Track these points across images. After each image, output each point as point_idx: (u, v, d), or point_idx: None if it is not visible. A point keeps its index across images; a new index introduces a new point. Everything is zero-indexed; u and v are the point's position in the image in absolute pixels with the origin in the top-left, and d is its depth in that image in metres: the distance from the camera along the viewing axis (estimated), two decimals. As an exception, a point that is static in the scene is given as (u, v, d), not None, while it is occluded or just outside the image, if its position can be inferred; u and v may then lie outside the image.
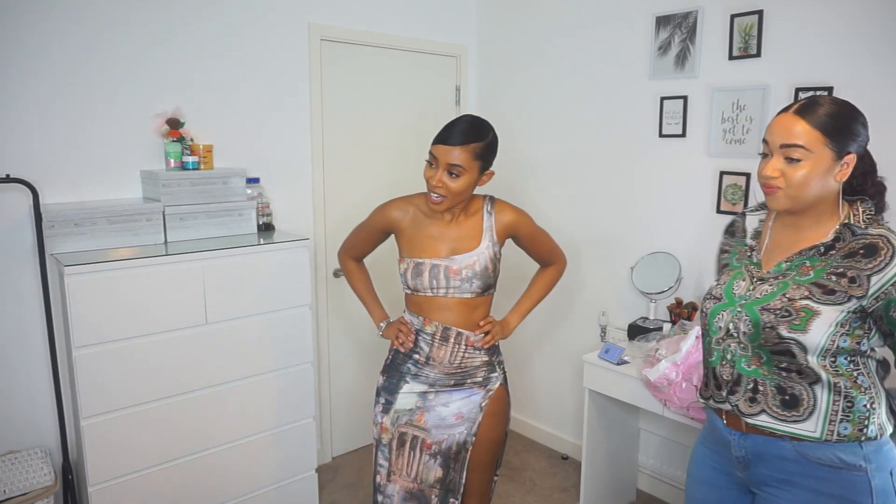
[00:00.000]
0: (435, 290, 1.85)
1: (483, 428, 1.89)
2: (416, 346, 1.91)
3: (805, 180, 1.31)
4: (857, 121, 1.34)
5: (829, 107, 1.32)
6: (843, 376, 1.32)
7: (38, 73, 2.24)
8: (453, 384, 1.90)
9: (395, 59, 3.20)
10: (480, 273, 1.84)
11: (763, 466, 1.39)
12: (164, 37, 2.49)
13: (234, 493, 2.46)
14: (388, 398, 1.94)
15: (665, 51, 2.67)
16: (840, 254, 1.32)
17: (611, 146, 2.93)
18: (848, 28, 2.18)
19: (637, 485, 2.99)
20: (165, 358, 2.21)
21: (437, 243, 1.86)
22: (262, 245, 2.40)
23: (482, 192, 1.99)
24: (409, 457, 1.90)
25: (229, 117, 2.69)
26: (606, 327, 2.91)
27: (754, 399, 1.38)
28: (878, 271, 1.26)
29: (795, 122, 1.31)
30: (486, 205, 1.93)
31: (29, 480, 2.12)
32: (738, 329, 1.39)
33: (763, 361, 1.37)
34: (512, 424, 3.59)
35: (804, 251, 1.36)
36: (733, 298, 1.42)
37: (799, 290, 1.33)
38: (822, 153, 1.30)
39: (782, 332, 1.31)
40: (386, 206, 1.95)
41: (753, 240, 1.49)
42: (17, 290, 2.28)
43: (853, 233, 1.33)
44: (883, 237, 1.29)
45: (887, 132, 2.14)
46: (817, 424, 1.31)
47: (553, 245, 2.08)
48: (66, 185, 2.34)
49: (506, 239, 1.94)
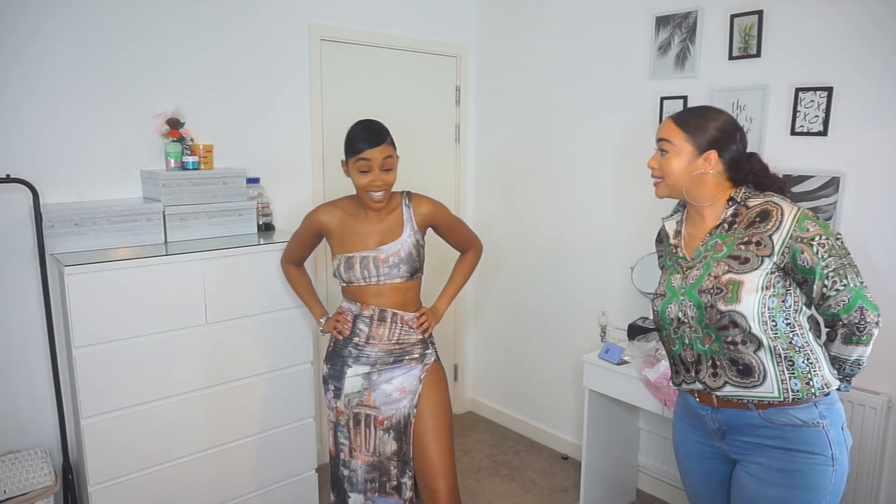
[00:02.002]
0: (367, 279, 2.04)
1: (425, 397, 2.08)
2: (356, 329, 2.08)
3: (671, 168, 1.59)
4: (718, 128, 1.57)
5: (695, 113, 1.60)
6: (781, 338, 1.49)
7: (38, 73, 2.24)
8: (392, 361, 2.08)
9: (395, 59, 3.20)
10: (406, 258, 2.04)
11: (736, 434, 1.57)
12: (165, 37, 2.49)
13: (234, 492, 2.46)
14: (337, 384, 2.11)
15: (665, 51, 2.67)
16: (742, 226, 1.54)
17: (611, 146, 2.93)
18: (848, 28, 2.18)
19: (637, 485, 2.99)
20: (165, 358, 2.22)
21: (364, 238, 2.05)
22: (262, 245, 2.40)
23: (398, 188, 2.14)
24: (365, 434, 2.09)
25: (229, 117, 2.69)
26: (606, 327, 2.91)
27: (716, 374, 1.56)
28: (776, 230, 1.48)
29: (668, 123, 1.61)
30: (403, 199, 2.11)
31: (29, 480, 2.12)
32: (687, 315, 1.58)
33: (713, 339, 1.54)
34: (512, 424, 3.61)
35: (713, 230, 1.59)
36: (674, 290, 1.62)
37: (719, 266, 1.52)
38: (684, 148, 1.58)
39: (721, 307, 1.49)
40: (314, 213, 2.13)
41: (675, 239, 1.69)
42: (17, 290, 2.28)
43: (746, 206, 1.55)
44: (770, 202, 1.52)
45: (887, 132, 2.14)
46: (773, 386, 1.49)
47: (469, 232, 2.29)
48: (66, 185, 2.34)
49: (426, 228, 2.13)
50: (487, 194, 3.59)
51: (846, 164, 2.22)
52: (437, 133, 3.46)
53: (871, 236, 2.20)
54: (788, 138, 2.34)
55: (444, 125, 3.47)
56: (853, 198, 2.22)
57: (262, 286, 2.40)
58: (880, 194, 2.17)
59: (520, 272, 3.46)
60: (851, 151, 2.21)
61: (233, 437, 2.42)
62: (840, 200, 2.23)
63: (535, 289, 3.37)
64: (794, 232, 1.45)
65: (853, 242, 2.18)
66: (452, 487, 2.05)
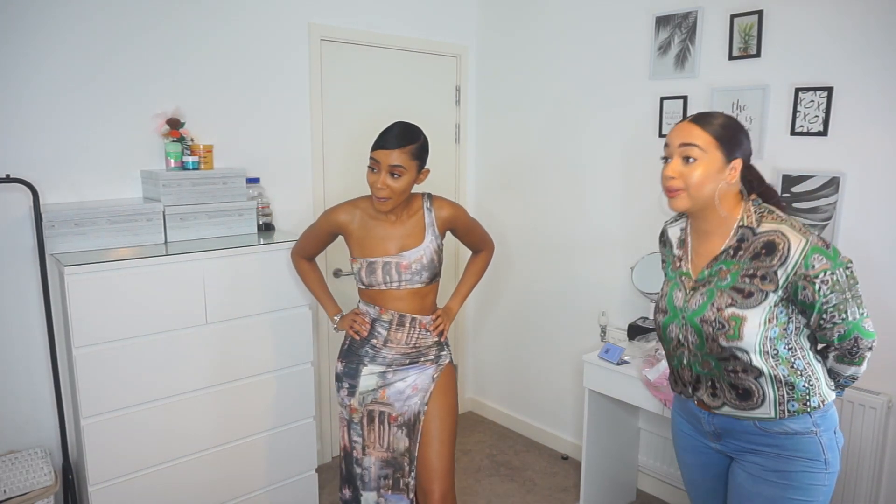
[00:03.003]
0: (388, 284, 2.03)
1: (435, 398, 2.08)
2: (374, 332, 2.07)
3: (701, 179, 1.45)
4: (741, 132, 1.49)
5: (720, 118, 1.49)
6: (783, 364, 1.48)
7: (38, 74, 2.24)
8: (409, 363, 2.08)
9: (395, 59, 3.20)
10: (428, 265, 2.03)
11: (731, 438, 1.58)
12: (165, 37, 2.49)
13: (234, 492, 2.46)
14: (352, 382, 2.10)
15: (665, 51, 2.67)
16: (747, 255, 1.47)
17: (611, 146, 2.94)
18: (848, 28, 2.18)
19: (637, 485, 2.99)
20: (165, 358, 2.21)
21: (386, 243, 2.03)
22: (262, 245, 2.40)
23: (419, 190, 2.12)
24: (379, 430, 2.09)
25: (229, 117, 2.69)
26: (606, 327, 2.91)
27: (715, 395, 1.56)
28: (782, 265, 1.42)
29: (693, 128, 1.47)
30: (425, 202, 2.08)
31: (29, 480, 2.12)
32: (687, 339, 1.56)
33: (713, 366, 1.53)
34: (512, 424, 3.61)
35: (718, 256, 1.52)
36: (676, 311, 1.58)
37: (723, 297, 1.48)
38: (714, 155, 1.45)
39: (722, 342, 1.47)
40: (333, 211, 2.09)
41: (679, 249, 1.63)
42: (17, 290, 2.28)
43: (753, 232, 1.47)
44: (777, 232, 1.44)
45: (887, 132, 2.14)
46: (770, 409, 1.50)
47: (484, 232, 2.29)
48: (67, 185, 2.34)
49: (445, 231, 2.12)
50: (487, 194, 3.59)
51: (846, 164, 2.22)
52: (437, 133, 3.44)
53: (871, 236, 2.20)
54: (788, 138, 2.34)
55: (444, 125, 3.47)
56: (853, 198, 2.22)
57: (262, 286, 2.40)
58: (880, 194, 2.17)
59: (520, 272, 3.46)
60: (851, 151, 2.21)
61: (233, 437, 2.42)
62: (840, 200, 2.23)
63: (535, 289, 3.37)
64: (800, 269, 1.40)
65: (853, 242, 2.19)
66: (447, 491, 2.05)
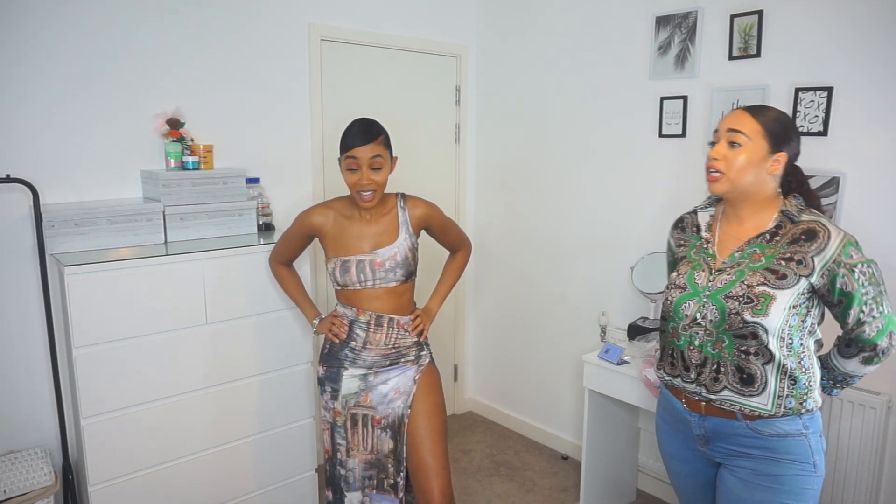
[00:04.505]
0: (363, 283, 2.03)
1: (419, 399, 2.08)
2: (353, 334, 2.07)
3: (743, 164, 1.50)
4: (792, 129, 1.54)
5: (773, 112, 1.54)
6: (793, 357, 1.50)
7: (38, 74, 2.24)
8: (389, 364, 2.08)
9: (395, 59, 3.20)
10: (402, 262, 2.03)
11: (721, 442, 1.59)
12: (165, 37, 2.49)
13: (234, 492, 2.46)
14: (333, 386, 2.11)
15: (665, 51, 2.67)
16: (785, 240, 1.51)
17: (611, 146, 2.93)
18: (848, 28, 2.18)
19: (637, 485, 2.99)
20: (165, 358, 2.21)
21: (360, 241, 2.04)
22: (262, 245, 2.40)
23: (392, 190, 2.14)
24: (363, 433, 2.10)
25: (229, 117, 2.69)
26: (606, 327, 2.91)
27: (717, 378, 1.56)
28: (820, 252, 1.46)
29: (744, 115, 1.53)
30: (399, 201, 2.10)
31: (29, 480, 2.12)
32: (706, 317, 1.55)
33: (725, 345, 1.53)
34: (512, 424, 3.61)
35: (752, 240, 1.54)
36: (697, 289, 1.58)
37: (755, 276, 1.50)
38: (759, 143, 1.50)
39: (746, 317, 1.48)
40: (307, 214, 2.11)
41: (707, 233, 1.65)
42: (17, 289, 2.28)
43: (791, 220, 1.52)
44: (818, 222, 1.49)
45: (887, 132, 2.14)
46: (768, 399, 1.51)
47: (461, 232, 2.28)
48: (67, 185, 2.34)
49: (420, 230, 2.12)
50: (487, 194, 3.59)
51: (846, 164, 2.22)
52: (437, 133, 3.46)
53: (871, 236, 2.19)
54: (788, 138, 2.34)
55: (444, 125, 3.47)
56: (853, 198, 2.22)
57: (262, 286, 2.40)
58: (880, 194, 2.17)
59: (520, 272, 3.46)
60: (851, 151, 2.21)
61: (233, 436, 2.42)
62: (840, 200, 2.23)
63: (535, 288, 3.37)
64: (839, 257, 1.44)
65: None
66: (445, 487, 2.05)
